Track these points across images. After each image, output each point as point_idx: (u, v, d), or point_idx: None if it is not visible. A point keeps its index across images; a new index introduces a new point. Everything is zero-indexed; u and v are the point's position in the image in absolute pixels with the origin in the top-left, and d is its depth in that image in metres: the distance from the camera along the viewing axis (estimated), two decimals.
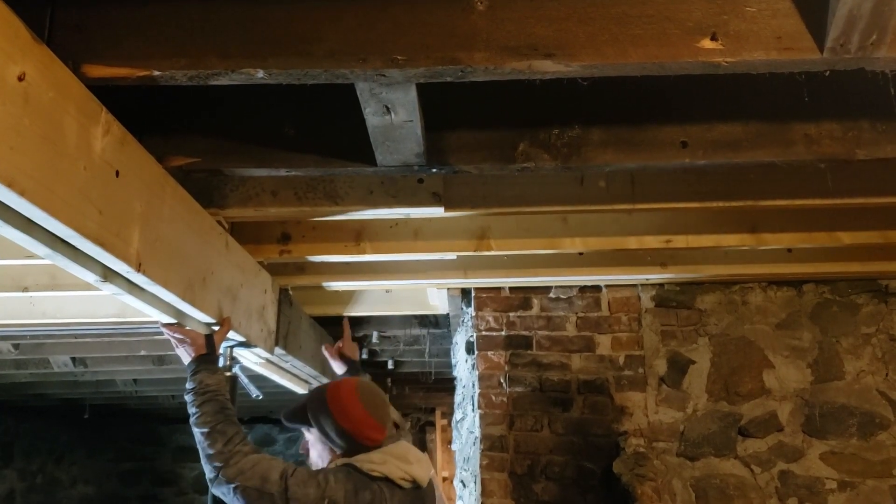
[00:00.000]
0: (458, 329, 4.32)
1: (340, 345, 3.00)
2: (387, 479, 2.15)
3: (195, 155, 2.16)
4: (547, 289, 3.85)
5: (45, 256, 1.85)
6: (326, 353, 2.98)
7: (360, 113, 1.90)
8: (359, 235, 3.10)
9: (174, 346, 2.49)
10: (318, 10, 1.63)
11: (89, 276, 2.01)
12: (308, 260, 3.24)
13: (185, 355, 2.45)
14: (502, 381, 3.72)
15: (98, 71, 1.66)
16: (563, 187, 2.62)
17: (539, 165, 2.11)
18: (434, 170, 2.22)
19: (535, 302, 3.83)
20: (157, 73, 1.64)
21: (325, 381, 4.65)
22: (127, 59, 1.65)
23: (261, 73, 1.65)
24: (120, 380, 5.93)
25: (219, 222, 2.62)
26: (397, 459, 2.17)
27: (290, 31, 1.64)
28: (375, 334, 4.80)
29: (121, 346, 4.63)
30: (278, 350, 3.38)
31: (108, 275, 2.03)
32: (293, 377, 4.24)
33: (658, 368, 3.76)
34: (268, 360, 3.52)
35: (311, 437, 2.28)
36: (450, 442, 8.62)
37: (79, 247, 1.81)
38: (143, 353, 4.81)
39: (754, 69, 1.61)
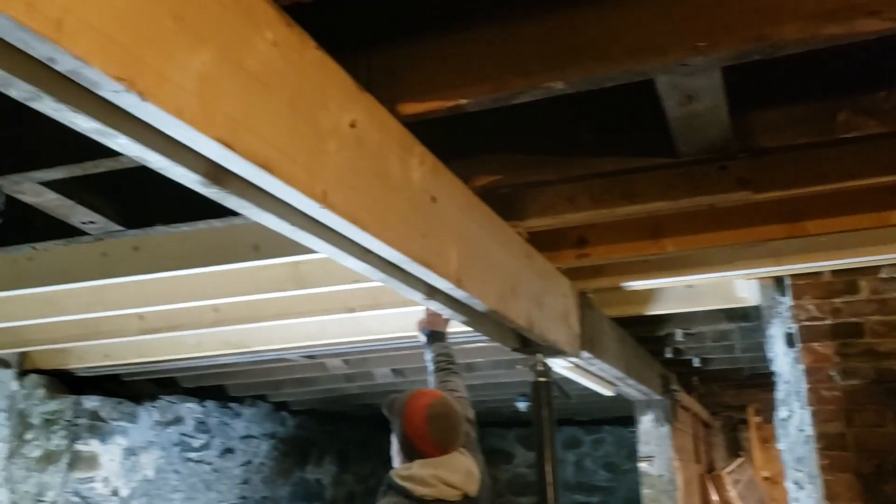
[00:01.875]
0: (773, 321, 4.04)
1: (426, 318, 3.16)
2: (438, 500, 2.24)
3: (497, 173, 2.25)
4: (875, 269, 3.46)
5: (380, 280, 2.02)
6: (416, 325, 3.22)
7: (657, 106, 1.86)
8: (657, 231, 3.02)
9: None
10: (612, 11, 1.62)
11: (416, 295, 2.16)
12: (605, 262, 3.23)
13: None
14: (832, 374, 3.41)
15: (412, 108, 1.79)
16: (892, 155, 2.34)
17: (866, 133, 1.91)
18: (741, 154, 2.10)
19: (863, 285, 3.46)
20: (463, 101, 1.73)
21: (630, 382, 4.60)
22: (436, 92, 1.76)
23: (560, 85, 1.67)
24: (419, 387, 6.33)
25: (519, 233, 2.70)
26: (436, 468, 2.27)
27: (586, 36, 1.64)
28: (679, 332, 4.64)
29: None
30: (584, 354, 3.40)
31: (431, 292, 2.18)
32: (599, 379, 4.24)
33: None
34: (575, 365, 3.55)
35: (392, 432, 2.47)
36: (766, 440, 8.10)
37: (407, 269, 1.96)
38: None
39: None
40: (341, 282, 3.16)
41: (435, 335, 3.08)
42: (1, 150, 1.98)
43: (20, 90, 1.01)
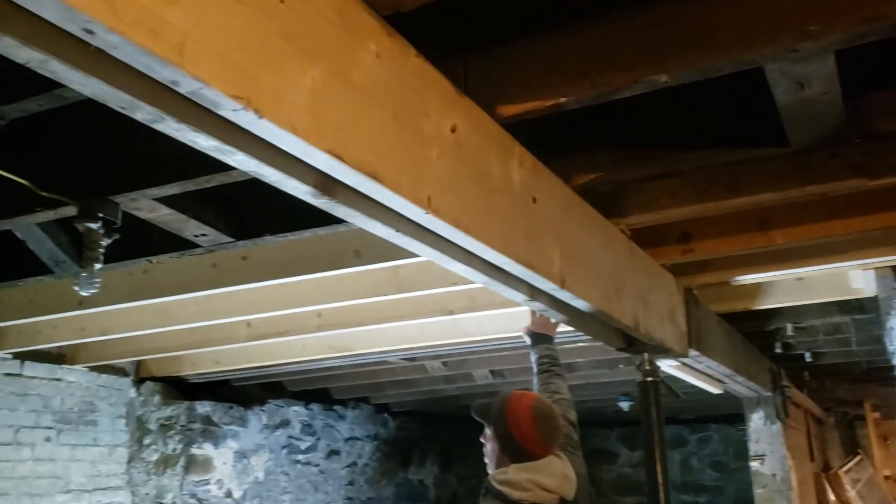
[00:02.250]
0: (892, 312, 3.84)
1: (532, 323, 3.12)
2: None
3: (597, 170, 2.22)
4: None
5: (482, 283, 2.02)
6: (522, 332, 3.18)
7: (763, 95, 1.79)
8: (765, 223, 2.92)
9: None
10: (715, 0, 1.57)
11: (518, 297, 2.15)
12: (710, 256, 3.14)
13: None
14: None
15: (510, 110, 1.79)
16: None
17: None
18: (855, 140, 2.01)
19: None
20: (563, 99, 1.72)
21: (739, 379, 4.46)
22: (534, 92, 1.75)
23: (664, 78, 1.64)
24: (528, 387, 6.30)
25: (621, 231, 2.66)
26: (531, 472, 2.23)
27: (689, 27, 1.60)
28: (790, 326, 4.47)
29: None
30: (692, 352, 3.31)
31: (534, 294, 2.17)
32: (707, 377, 4.12)
33: None
34: (682, 363, 3.47)
35: (490, 433, 2.41)
36: (886, 437, 7.70)
37: (510, 271, 1.96)
38: None
39: None
40: (440, 284, 3.18)
41: (540, 337, 3.05)
42: (116, 170, 2.08)
43: (145, 113, 1.06)
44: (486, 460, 2.43)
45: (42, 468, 4.55)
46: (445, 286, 3.19)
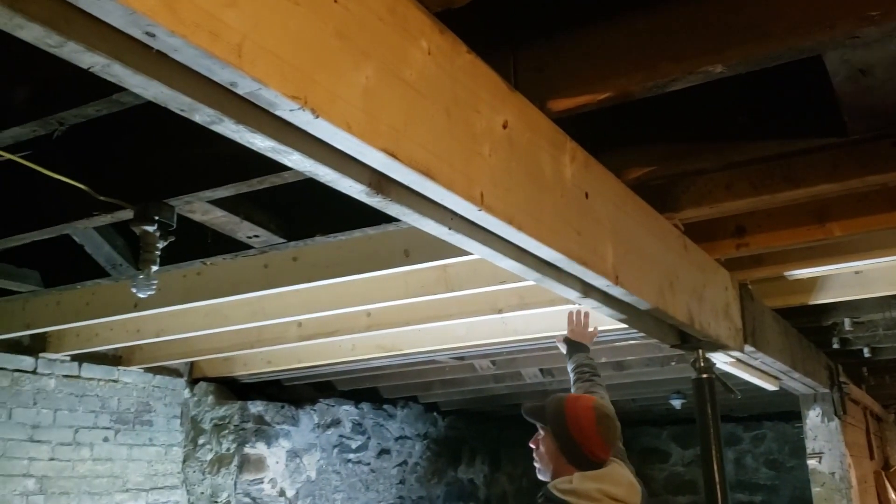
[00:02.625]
0: None
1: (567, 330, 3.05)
2: None
3: (650, 164, 2.19)
4: None
5: (534, 280, 2.01)
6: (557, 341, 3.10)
7: (820, 83, 1.75)
8: (822, 216, 2.85)
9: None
10: None
11: (571, 294, 2.13)
12: (765, 250, 3.08)
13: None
14: None
15: (561, 104, 1.77)
16: None
17: None
18: None
19: None
20: (616, 92, 1.70)
21: (795, 375, 4.37)
22: (586, 86, 1.74)
23: (719, 68, 1.61)
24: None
25: (675, 226, 2.62)
26: (598, 481, 2.14)
27: (744, 16, 1.57)
28: (847, 321, 4.36)
29: None
30: (747, 347, 3.25)
31: (587, 290, 2.15)
32: (762, 374, 4.04)
33: None
34: (737, 359, 3.40)
35: (545, 436, 2.30)
36: None
37: (563, 268, 1.94)
38: (603, 360, 5.01)
39: None
40: (489, 283, 3.17)
41: (577, 346, 2.97)
42: (171, 173, 2.11)
43: (204, 115, 1.07)
44: (538, 464, 2.33)
45: (101, 467, 4.65)
46: (494, 284, 3.17)
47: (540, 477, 2.32)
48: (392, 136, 1.25)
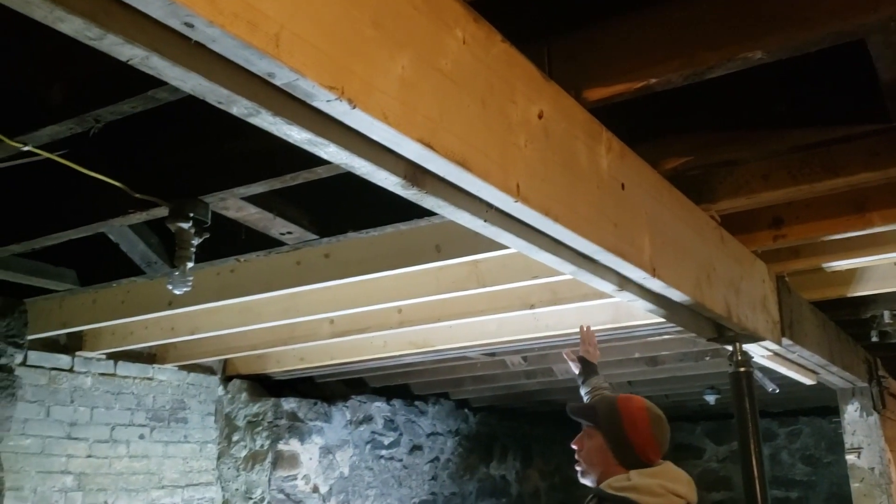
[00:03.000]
0: None
1: (581, 349, 2.94)
2: None
3: (687, 153, 2.16)
4: None
5: (570, 273, 1.99)
6: (565, 356, 3.00)
7: (862, 69, 1.71)
8: (861, 205, 2.79)
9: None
10: None
11: (607, 287, 2.11)
12: (803, 242, 3.02)
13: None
14: None
15: (597, 93, 1.75)
16: None
17: None
18: None
19: None
20: (653, 80, 1.67)
21: (833, 369, 4.29)
22: (621, 75, 1.71)
23: (758, 55, 1.58)
24: (615, 383, 6.20)
25: (711, 217, 2.58)
26: (659, 477, 2.10)
27: (783, 2, 1.54)
28: (886, 314, 4.27)
29: (615, 350, 4.83)
30: (785, 341, 3.19)
31: (623, 283, 2.12)
32: (799, 368, 3.98)
33: None
34: (774, 353, 3.35)
35: (593, 437, 2.23)
36: None
37: (599, 260, 1.92)
38: (636, 355, 4.97)
39: None
40: (521, 278, 3.15)
41: (591, 367, 2.86)
42: (205, 170, 2.12)
43: (241, 107, 1.07)
44: (582, 466, 2.26)
45: (137, 464, 4.71)
46: (526, 279, 3.15)
47: (583, 480, 2.25)
48: (428, 126, 1.24)
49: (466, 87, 1.36)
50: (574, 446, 2.30)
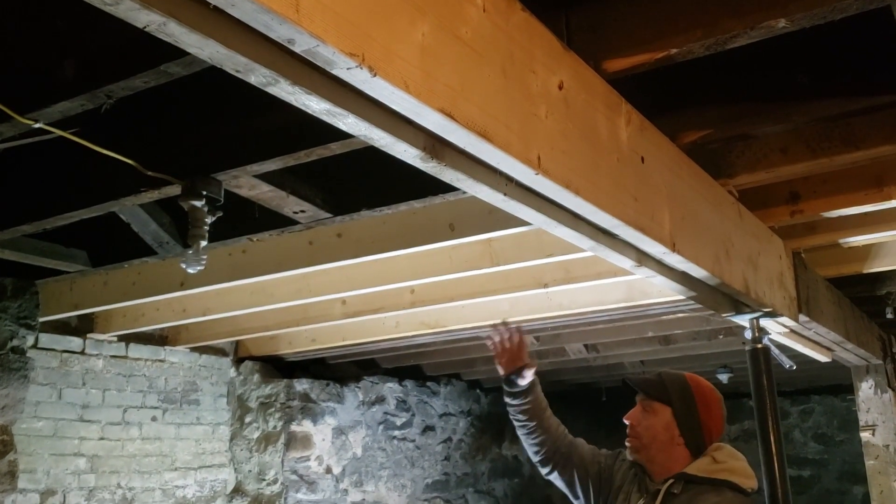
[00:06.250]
0: None
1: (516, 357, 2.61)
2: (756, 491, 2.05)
3: (706, 126, 2.12)
4: None
5: (589, 248, 1.96)
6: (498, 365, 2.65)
7: (886, 37, 1.67)
8: (881, 180, 2.75)
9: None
10: None
11: (626, 262, 2.08)
12: (820, 217, 2.99)
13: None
14: None
15: (617, 64, 1.71)
16: None
17: None
18: None
19: None
20: (674, 51, 1.64)
21: (849, 346, 4.26)
22: (642, 45, 1.68)
23: (782, 23, 1.54)
24: (628, 362, 6.19)
25: (729, 192, 2.54)
26: (737, 459, 2.07)
27: None
28: None
29: (628, 329, 4.81)
30: (802, 317, 3.17)
31: (641, 259, 2.09)
32: (815, 345, 3.95)
33: None
34: (791, 330, 3.32)
35: (658, 413, 2.11)
36: None
37: (619, 235, 1.89)
38: (649, 334, 4.94)
39: None
40: (534, 257, 3.12)
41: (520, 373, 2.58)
42: (217, 147, 2.10)
43: (259, 76, 1.04)
44: (637, 442, 2.12)
45: (150, 447, 4.71)
46: (540, 258, 3.12)
47: (632, 455, 2.15)
48: (449, 95, 1.21)
49: (486, 56, 1.33)
50: (628, 421, 2.17)
